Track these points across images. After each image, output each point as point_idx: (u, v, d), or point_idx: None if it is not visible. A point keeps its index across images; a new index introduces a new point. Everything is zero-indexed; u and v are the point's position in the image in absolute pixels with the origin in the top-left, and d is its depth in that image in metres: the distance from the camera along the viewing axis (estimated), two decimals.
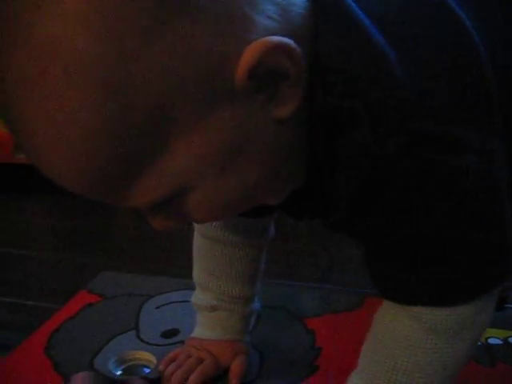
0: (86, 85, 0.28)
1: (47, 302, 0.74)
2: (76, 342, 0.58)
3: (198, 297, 0.56)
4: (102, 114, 0.28)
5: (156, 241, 0.98)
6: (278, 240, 0.56)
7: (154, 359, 0.56)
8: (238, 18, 0.29)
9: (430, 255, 0.36)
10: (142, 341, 0.59)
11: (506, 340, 0.60)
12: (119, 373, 0.55)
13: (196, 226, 0.54)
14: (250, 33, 0.30)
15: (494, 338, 0.60)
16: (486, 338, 0.60)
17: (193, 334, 0.56)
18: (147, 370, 0.55)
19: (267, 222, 0.53)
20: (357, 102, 0.33)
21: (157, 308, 0.66)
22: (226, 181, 0.33)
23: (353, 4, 0.34)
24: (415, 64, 0.34)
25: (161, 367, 0.54)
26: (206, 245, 0.54)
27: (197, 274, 0.56)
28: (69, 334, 0.60)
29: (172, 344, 0.58)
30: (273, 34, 0.30)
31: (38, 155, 0.31)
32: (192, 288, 0.57)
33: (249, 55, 0.29)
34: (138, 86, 0.28)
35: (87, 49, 0.27)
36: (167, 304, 0.66)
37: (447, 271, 0.37)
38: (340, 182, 0.35)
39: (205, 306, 0.55)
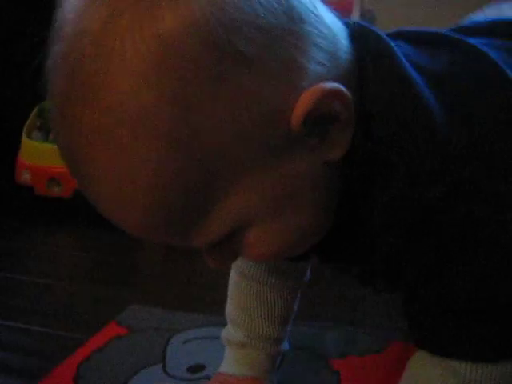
0: (151, 140, 0.30)
1: (75, 332, 0.75)
2: (104, 373, 0.59)
3: (228, 332, 0.57)
4: (167, 168, 0.30)
5: (181, 276, 0.99)
6: None
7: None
8: (291, 66, 0.31)
9: (471, 308, 0.37)
10: (168, 375, 0.60)
11: None
12: None
13: (235, 264, 0.55)
14: (303, 80, 0.32)
15: None
16: None
17: (219, 369, 0.57)
18: None
19: (305, 266, 0.54)
20: (395, 151, 0.34)
21: (184, 343, 0.66)
22: (281, 222, 0.35)
23: (399, 53, 0.36)
24: (466, 123, 0.35)
25: None
26: (243, 283, 0.55)
27: (230, 310, 0.57)
28: (97, 365, 0.61)
29: (198, 379, 0.59)
30: (323, 80, 0.32)
31: (101, 203, 0.33)
32: (219, 325, 0.58)
33: (305, 102, 0.31)
34: (201, 140, 0.30)
35: (151, 107, 0.29)
36: (194, 339, 0.67)
37: (487, 326, 0.37)
38: (377, 227, 0.36)
39: (235, 342, 0.56)
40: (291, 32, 0.32)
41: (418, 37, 0.40)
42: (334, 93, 0.32)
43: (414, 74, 0.35)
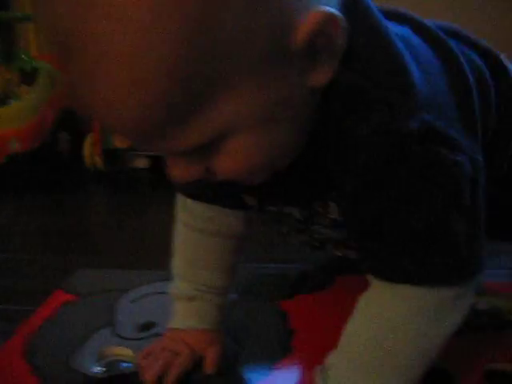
0: (169, 24, 0.30)
1: (23, 304, 0.74)
2: (54, 343, 0.59)
3: (176, 287, 0.57)
4: (178, 54, 0.31)
5: (127, 236, 0.99)
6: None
7: (131, 353, 0.57)
8: None
9: (423, 240, 0.40)
10: (119, 336, 0.60)
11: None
12: (98, 370, 0.56)
13: (182, 218, 0.56)
14: (313, 2, 0.33)
15: None
16: None
17: (169, 325, 0.57)
18: (126, 365, 0.56)
19: (250, 215, 0.55)
20: (378, 86, 0.37)
21: (132, 302, 0.67)
22: (261, 135, 0.36)
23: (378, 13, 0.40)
24: (428, 77, 0.39)
25: (138, 361, 0.55)
26: (189, 235, 0.56)
27: (177, 264, 0.57)
28: (46, 336, 0.60)
29: (149, 337, 0.59)
30: (328, 5, 0.34)
31: (101, 86, 0.32)
32: (166, 279, 0.58)
33: (313, 21, 0.33)
34: (214, 33, 0.31)
35: None
36: (142, 297, 0.67)
37: (436, 256, 0.40)
38: (349, 159, 0.39)
39: (183, 296, 0.56)
40: None
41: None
42: (337, 21, 0.34)
43: (390, 32, 0.39)
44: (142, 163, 1.33)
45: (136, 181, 1.31)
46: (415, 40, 0.43)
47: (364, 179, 0.39)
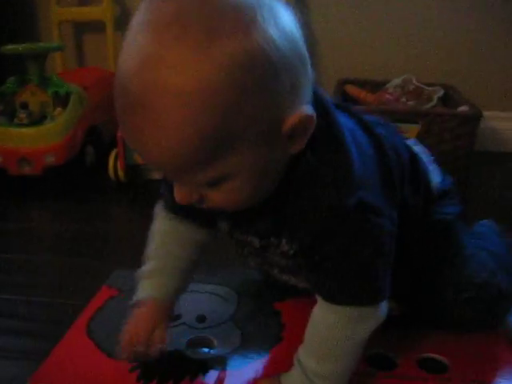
0: (210, 110, 0.46)
1: (71, 299, 0.93)
2: (108, 327, 0.79)
3: (144, 268, 0.70)
4: (212, 125, 0.47)
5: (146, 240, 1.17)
6: None
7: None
8: (295, 92, 0.50)
9: (353, 276, 0.58)
10: None
11: None
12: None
13: (162, 214, 0.70)
14: (299, 102, 0.51)
15: None
16: None
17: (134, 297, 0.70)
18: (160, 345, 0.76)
19: (214, 232, 0.70)
20: (329, 169, 0.55)
21: None
22: (251, 181, 0.52)
23: (333, 111, 0.57)
24: (363, 160, 0.57)
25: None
26: (167, 225, 0.70)
27: (149, 249, 0.70)
28: (101, 321, 0.80)
29: (176, 325, 0.79)
30: (307, 103, 0.52)
31: (148, 127, 0.47)
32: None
33: (298, 117, 0.50)
34: (239, 117, 0.47)
35: (217, 89, 0.46)
36: None
37: (360, 287, 0.59)
38: (302, 218, 0.56)
39: (145, 273, 0.70)
40: (300, 71, 0.50)
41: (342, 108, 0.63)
42: (312, 118, 0.52)
43: (341, 122, 0.57)
44: (158, 175, 1.52)
45: (153, 191, 1.50)
46: (358, 131, 0.60)
47: (313, 236, 0.56)
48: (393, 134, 0.68)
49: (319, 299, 0.61)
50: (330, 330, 0.60)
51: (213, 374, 0.70)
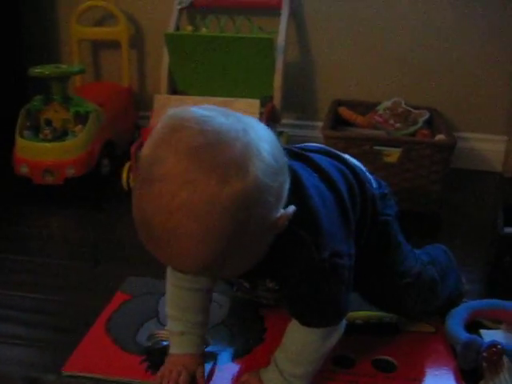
0: (218, 233, 0.57)
1: (90, 300, 1.07)
2: (123, 327, 0.96)
3: (171, 326, 0.84)
4: (220, 247, 0.58)
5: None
6: None
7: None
8: (280, 199, 0.62)
9: (323, 304, 0.73)
10: (161, 324, 0.97)
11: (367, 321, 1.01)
12: (150, 343, 0.93)
13: (170, 279, 0.83)
14: (281, 205, 0.63)
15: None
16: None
17: (170, 351, 0.84)
18: (165, 343, 0.91)
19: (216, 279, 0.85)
20: (307, 235, 0.68)
21: None
22: (252, 261, 0.65)
23: (303, 178, 0.70)
24: (328, 213, 0.71)
25: (156, 381, 0.82)
26: (178, 291, 0.83)
27: (170, 310, 0.84)
28: (117, 322, 0.98)
29: None
30: (288, 204, 0.64)
31: (168, 249, 0.59)
32: None
33: (283, 218, 0.63)
34: (239, 237, 0.59)
35: (221, 221, 0.57)
36: None
37: (327, 312, 0.74)
38: (287, 268, 0.70)
39: (176, 332, 0.83)
40: (283, 181, 0.62)
41: (299, 156, 0.76)
42: (293, 210, 0.64)
43: (310, 188, 0.70)
44: None
45: None
46: (319, 184, 0.73)
47: (294, 279, 0.70)
48: (336, 159, 0.82)
49: (296, 322, 0.76)
50: (304, 345, 0.77)
51: (206, 367, 0.87)
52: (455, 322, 0.96)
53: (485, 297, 1.08)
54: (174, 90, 1.84)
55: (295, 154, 0.77)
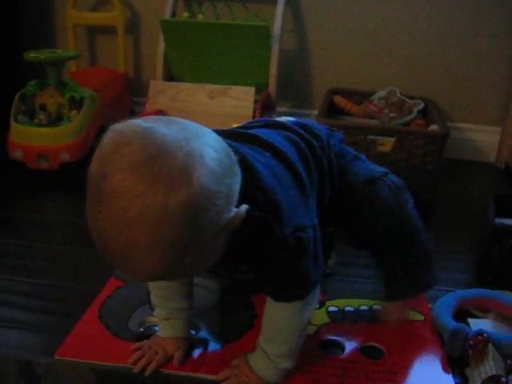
0: (167, 241, 0.58)
1: (86, 284, 1.09)
2: (115, 313, 0.97)
3: (157, 312, 0.88)
4: (174, 250, 0.60)
5: None
6: None
7: None
8: (230, 200, 0.63)
9: (293, 280, 0.75)
10: (152, 310, 0.98)
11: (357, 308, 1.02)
12: (142, 329, 0.95)
13: None
14: (234, 206, 0.64)
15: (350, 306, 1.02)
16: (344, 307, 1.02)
17: (157, 334, 0.89)
18: (156, 328, 0.92)
19: None
20: (267, 216, 0.70)
21: None
22: (214, 256, 0.67)
23: (255, 165, 0.70)
24: (285, 190, 0.73)
25: (132, 347, 0.87)
26: (157, 281, 0.84)
27: (152, 298, 0.88)
28: (110, 307, 0.99)
29: None
30: (239, 204, 0.65)
31: (125, 264, 0.61)
32: None
33: (236, 217, 0.64)
34: (196, 240, 0.61)
35: (172, 229, 0.58)
36: None
37: (298, 287, 0.76)
38: (255, 250, 0.72)
39: (161, 318, 0.87)
40: (231, 182, 0.63)
41: (250, 138, 0.77)
42: (246, 209, 0.65)
43: (264, 172, 0.71)
44: None
45: None
46: (273, 162, 0.74)
47: (264, 259, 0.72)
48: (283, 128, 0.84)
49: (270, 299, 0.79)
50: (283, 321, 0.79)
51: (197, 352, 0.89)
52: (443, 311, 0.98)
53: (474, 286, 1.10)
54: (169, 77, 1.84)
55: (244, 137, 0.78)
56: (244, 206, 0.66)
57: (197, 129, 0.63)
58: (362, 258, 1.03)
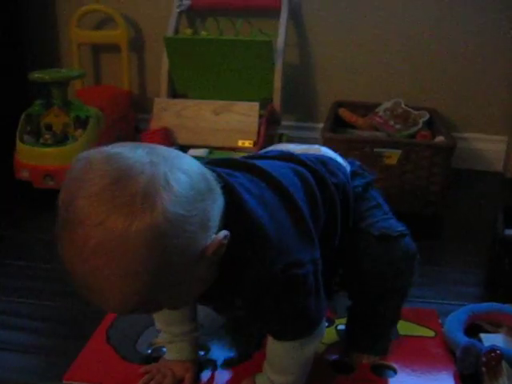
0: (138, 272, 0.56)
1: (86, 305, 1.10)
2: (123, 334, 0.97)
3: (161, 336, 0.88)
4: (146, 286, 0.57)
5: None
6: None
7: None
8: (206, 227, 0.60)
9: (292, 318, 0.72)
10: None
11: None
12: (150, 351, 0.94)
13: None
14: (211, 232, 0.61)
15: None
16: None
17: (164, 356, 0.88)
18: (165, 349, 0.91)
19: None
20: (251, 252, 0.66)
21: None
22: (194, 289, 0.64)
23: (243, 193, 0.67)
24: (276, 223, 0.68)
25: (141, 371, 0.86)
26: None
27: (158, 324, 0.87)
28: (118, 329, 0.98)
29: None
30: (220, 227, 0.62)
31: (95, 293, 0.58)
32: None
33: (214, 244, 0.61)
34: (166, 266, 0.58)
35: (141, 257, 0.56)
36: None
37: (298, 324, 0.73)
38: (244, 287, 0.68)
39: (166, 341, 0.87)
40: (206, 206, 0.60)
41: (248, 168, 0.74)
42: (226, 236, 0.62)
43: (252, 202, 0.67)
44: None
45: None
46: (264, 191, 0.70)
47: (256, 298, 0.69)
48: (293, 161, 0.80)
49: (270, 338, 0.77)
50: (284, 355, 0.77)
51: (206, 374, 0.88)
52: (455, 326, 0.96)
53: (485, 300, 1.09)
54: (173, 94, 1.84)
55: (242, 166, 0.75)
56: (223, 232, 0.62)
57: (168, 152, 0.61)
58: None
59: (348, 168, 0.87)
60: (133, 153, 0.58)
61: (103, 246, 0.55)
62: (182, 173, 0.59)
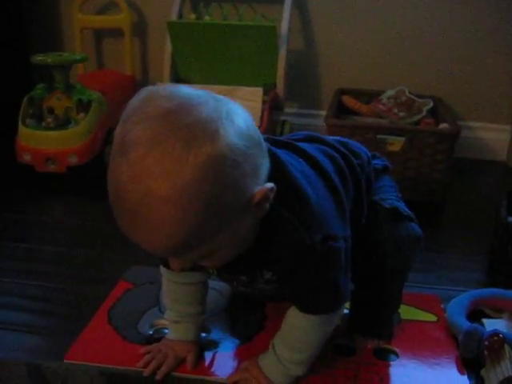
0: (192, 206, 0.56)
1: (93, 286, 1.09)
2: (125, 315, 0.96)
3: (167, 314, 0.86)
4: (197, 219, 0.57)
5: None
6: None
7: None
8: (256, 173, 0.61)
9: (321, 291, 0.72)
10: (162, 313, 0.97)
11: None
12: (151, 332, 0.94)
13: (165, 275, 0.83)
14: (260, 180, 0.61)
15: None
16: None
17: (166, 336, 0.87)
18: (166, 331, 0.91)
19: (209, 273, 0.83)
20: (296, 216, 0.66)
21: None
22: (232, 249, 0.64)
23: (286, 162, 0.68)
24: (317, 196, 0.69)
25: (141, 351, 0.85)
26: (173, 285, 0.83)
27: (166, 301, 0.86)
28: (120, 310, 0.98)
29: None
30: (266, 179, 0.62)
31: (143, 221, 0.57)
32: None
33: (261, 193, 0.61)
34: (218, 207, 0.58)
35: (197, 190, 0.56)
36: None
37: (326, 298, 0.73)
38: (280, 255, 0.68)
39: (172, 320, 0.85)
40: (258, 155, 0.61)
41: (284, 145, 0.75)
42: (272, 189, 0.62)
43: (295, 171, 0.68)
44: None
45: None
46: (305, 168, 0.71)
47: (289, 266, 0.69)
48: (324, 144, 0.80)
49: (293, 306, 0.76)
50: (304, 332, 0.76)
51: (207, 355, 0.88)
52: (457, 311, 0.96)
53: (487, 286, 1.09)
54: (176, 78, 1.83)
55: (279, 143, 0.75)
56: (270, 184, 0.62)
57: (229, 100, 0.62)
58: None
59: (365, 149, 0.88)
60: (196, 91, 0.60)
61: (160, 166, 0.54)
62: (240, 117, 0.60)
